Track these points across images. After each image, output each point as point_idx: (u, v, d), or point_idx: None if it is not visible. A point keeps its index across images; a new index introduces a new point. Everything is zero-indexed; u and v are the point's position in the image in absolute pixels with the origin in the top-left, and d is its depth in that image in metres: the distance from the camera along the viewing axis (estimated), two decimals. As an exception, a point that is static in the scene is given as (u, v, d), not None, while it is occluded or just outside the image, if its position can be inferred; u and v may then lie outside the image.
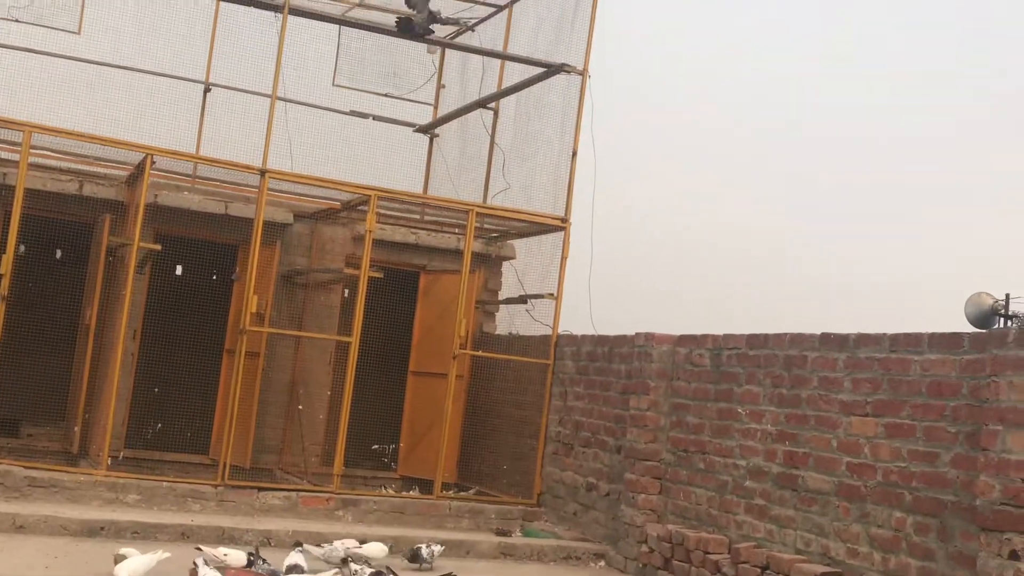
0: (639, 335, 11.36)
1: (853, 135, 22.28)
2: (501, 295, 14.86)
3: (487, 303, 14.83)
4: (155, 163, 11.90)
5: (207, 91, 14.61)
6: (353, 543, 9.76)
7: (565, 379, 12.75)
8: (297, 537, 10.37)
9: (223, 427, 12.19)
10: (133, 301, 11.99)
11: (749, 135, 21.65)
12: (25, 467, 10.94)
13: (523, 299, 13.87)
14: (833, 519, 8.73)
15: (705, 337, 10.63)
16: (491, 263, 14.88)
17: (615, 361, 11.85)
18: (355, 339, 12.19)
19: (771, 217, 21.14)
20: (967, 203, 21.01)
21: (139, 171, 11.98)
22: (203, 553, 8.56)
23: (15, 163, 11.64)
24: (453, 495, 12.80)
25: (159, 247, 12.37)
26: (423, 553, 9.96)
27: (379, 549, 9.82)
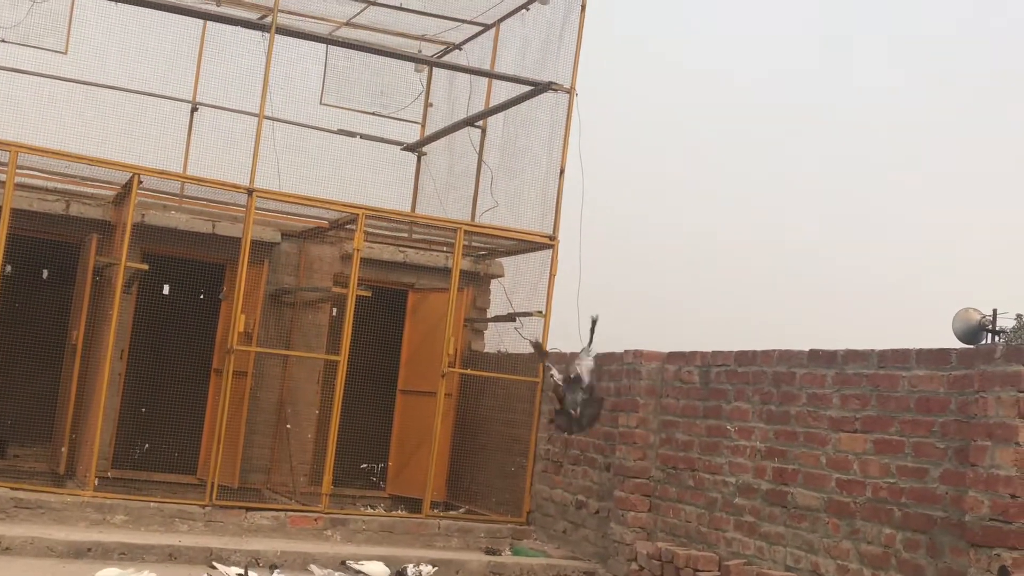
0: (628, 352, 11.36)
1: (842, 148, 22.38)
2: (489, 313, 14.85)
3: (475, 321, 14.82)
4: (142, 183, 11.90)
5: (194, 110, 14.62)
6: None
7: (554, 397, 12.70)
8: (285, 558, 10.34)
9: (211, 447, 12.14)
10: (120, 321, 11.94)
11: (737, 149, 21.73)
12: (11, 488, 10.86)
13: (511, 317, 13.86)
14: (823, 536, 8.72)
15: (694, 354, 10.63)
16: (479, 281, 14.88)
17: (604, 379, 11.82)
18: (343, 358, 12.16)
19: (760, 232, 21.20)
20: (956, 217, 21.10)
21: (126, 191, 11.96)
22: (218, 572, 8.51)
23: (1, 183, 11.60)
24: (442, 514, 12.76)
25: (146, 267, 12.33)
26: (410, 573, 9.92)
27: (380, 569, 9.78)
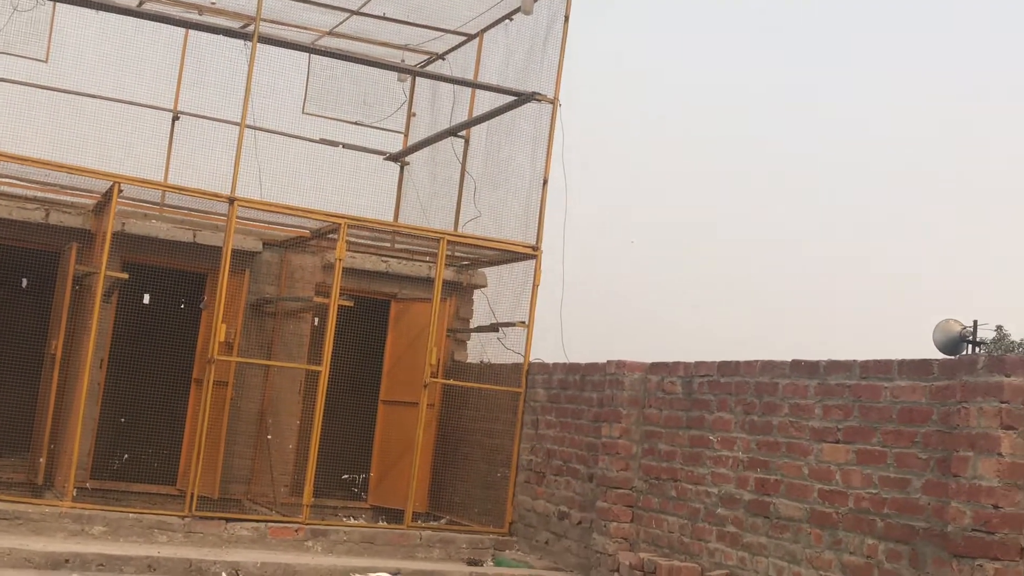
0: (610, 363, 11.34)
1: (831, 156, 22.46)
2: (472, 323, 14.82)
3: (458, 331, 14.78)
4: (122, 191, 11.82)
5: (175, 119, 14.56)
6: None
7: (537, 407, 12.70)
8: (266, 570, 10.26)
9: (191, 457, 12.05)
10: (100, 330, 11.86)
11: (722, 155, 21.79)
12: (-12, 499, 10.78)
13: (494, 327, 13.84)
14: (805, 546, 8.71)
15: (677, 364, 10.62)
16: (462, 291, 14.84)
17: (587, 389, 11.82)
18: (325, 368, 12.10)
19: (743, 244, 21.26)
20: (935, 231, 21.20)
21: (106, 199, 11.89)
22: None
23: (-20, 192, 11.53)
24: (424, 524, 12.69)
25: (126, 276, 12.25)
26: None
27: None
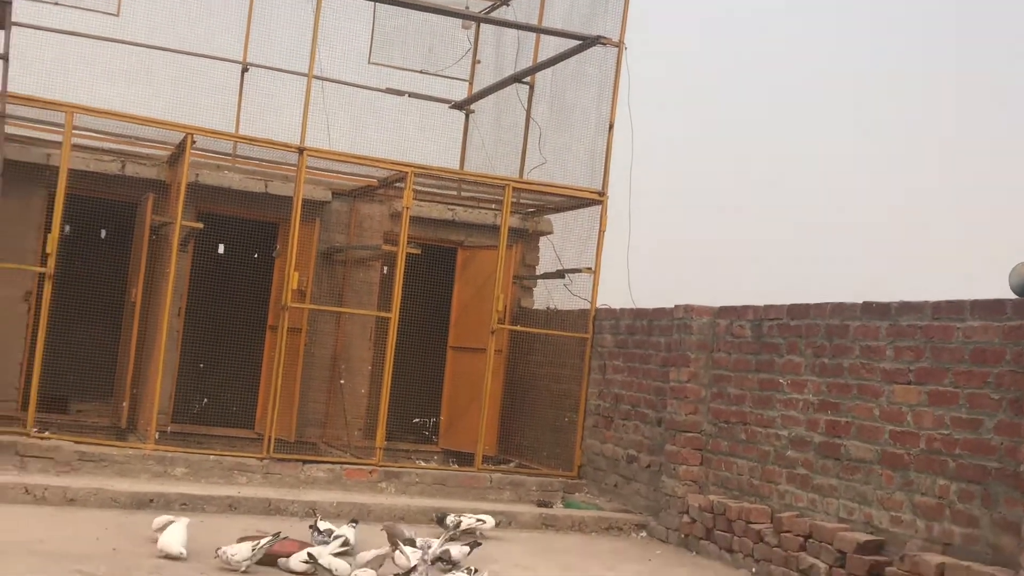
0: (678, 307, 11.40)
1: (902, 93, 22.00)
2: (538, 270, 14.91)
3: (524, 278, 14.90)
4: (195, 143, 12.05)
5: (245, 71, 14.72)
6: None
7: (604, 353, 12.81)
8: (341, 509, 10.52)
9: (267, 402, 12.35)
10: (177, 278, 12.15)
11: (793, 101, 21.46)
12: (75, 442, 11.14)
13: (560, 274, 13.92)
14: (876, 488, 8.76)
15: (746, 308, 10.66)
16: (528, 238, 14.93)
17: (654, 334, 11.89)
18: (394, 315, 12.30)
19: (814, 184, 21.01)
20: (1013, 169, 20.75)
21: (180, 151, 12.12)
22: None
23: (58, 144, 11.80)
24: (494, 467, 12.91)
25: (201, 225, 12.52)
26: (448, 521, 10.22)
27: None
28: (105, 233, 15.16)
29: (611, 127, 13.03)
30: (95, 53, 14.05)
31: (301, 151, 12.09)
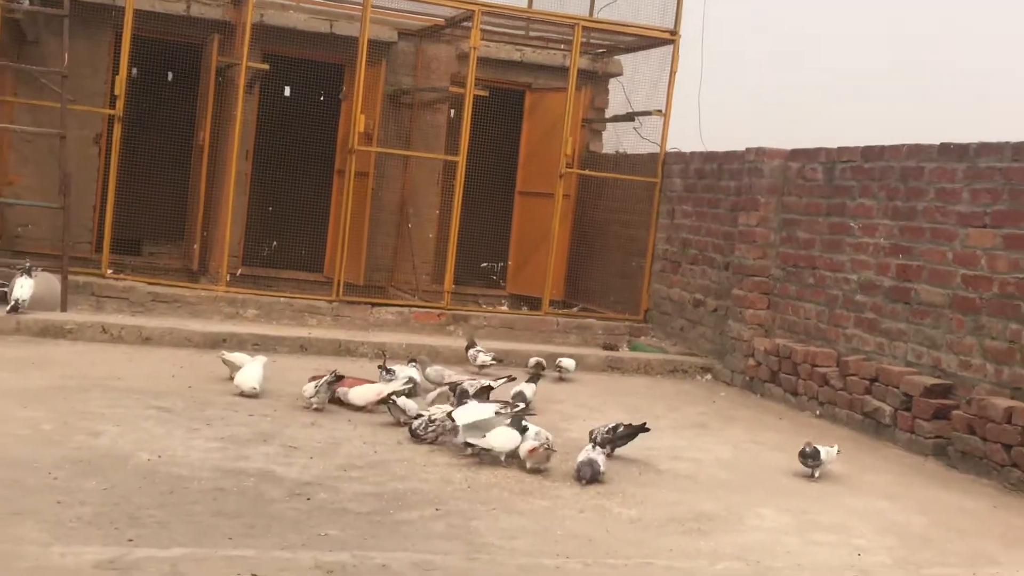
0: (749, 150, 11.16)
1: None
2: (608, 113, 14.65)
3: (593, 121, 14.67)
4: (260, -19, 11.87)
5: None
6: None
7: (673, 197, 12.65)
8: (410, 351, 10.66)
9: (336, 245, 12.45)
10: (244, 121, 12.14)
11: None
12: (148, 283, 11.38)
13: (630, 116, 13.68)
14: (946, 332, 8.63)
15: (818, 151, 10.40)
16: (598, 80, 14.63)
17: (724, 178, 11.69)
18: (462, 158, 12.22)
19: (890, 25, 20.21)
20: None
21: (245, -10, 11.96)
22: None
23: (122, -18, 11.71)
24: (561, 311, 12.97)
25: (267, 67, 12.43)
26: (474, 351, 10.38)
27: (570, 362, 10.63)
28: (172, 76, 15.16)
29: (685, -39, 12.59)
30: None
31: (366, -10, 11.86)
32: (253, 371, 8.55)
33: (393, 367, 9.02)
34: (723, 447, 8.32)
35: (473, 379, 8.84)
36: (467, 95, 12.24)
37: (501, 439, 7.00)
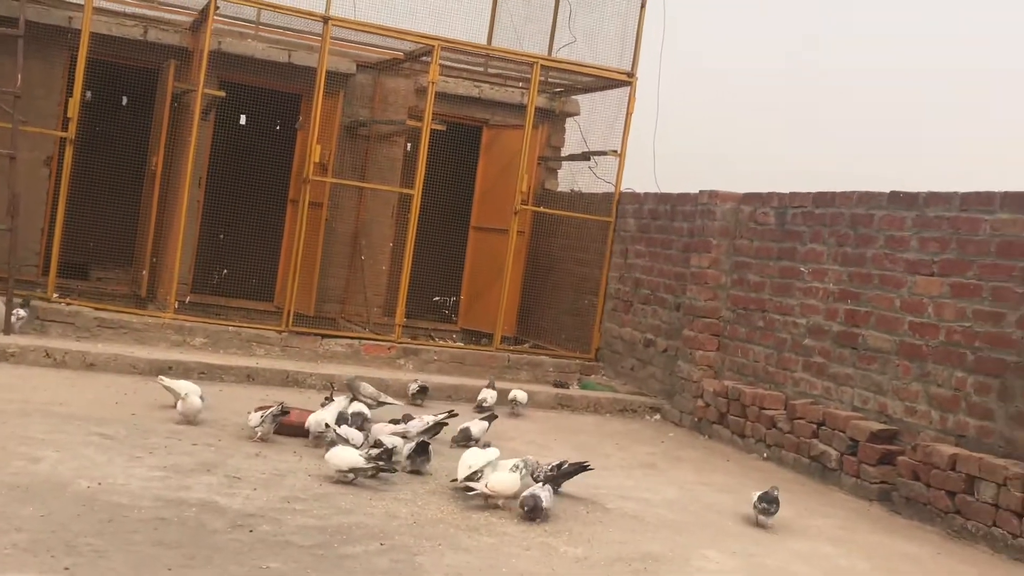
0: (703, 193, 11.25)
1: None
2: (564, 151, 14.73)
3: (549, 159, 14.73)
4: (219, 8, 11.82)
5: (270, -63, 14.35)
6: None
7: (626, 237, 12.71)
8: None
9: (287, 275, 12.36)
10: (198, 148, 12.05)
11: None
12: (95, 308, 11.21)
13: (586, 156, 13.75)
14: (892, 378, 8.71)
15: (771, 195, 10.50)
16: (555, 118, 14.71)
17: (677, 219, 11.77)
18: (417, 192, 12.20)
19: (842, 75, 20.57)
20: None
21: (203, 16, 11.91)
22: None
23: (80, 7, 11.63)
24: (512, 347, 12.95)
25: (223, 94, 12.37)
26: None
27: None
28: (126, 100, 15.03)
29: (643, 6, 12.73)
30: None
31: (326, 20, 11.86)
32: (192, 403, 8.46)
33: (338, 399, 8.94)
34: (670, 488, 8.32)
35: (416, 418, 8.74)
36: (424, 129, 12.25)
37: (503, 484, 6.96)
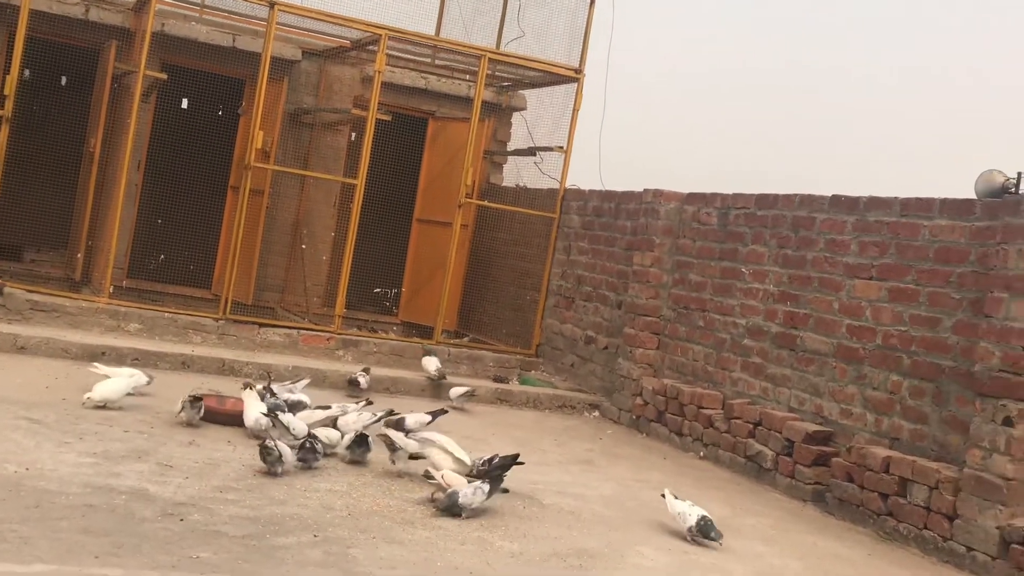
0: (647, 191, 11.27)
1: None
2: (510, 146, 14.69)
3: (495, 153, 14.68)
4: (163, -11, 11.63)
5: (218, -82, 14.15)
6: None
7: (570, 233, 12.71)
8: (296, 373, 10.45)
9: (226, 262, 12.19)
10: (138, 131, 11.84)
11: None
12: (27, 291, 10.96)
13: (532, 151, 13.72)
14: (829, 380, 8.79)
15: (714, 196, 10.55)
16: (501, 113, 14.67)
17: (621, 217, 11.79)
18: (360, 182, 12.09)
19: (791, 76, 20.77)
20: (983, 80, 20.62)
21: (146, -3, 11.70)
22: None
23: (20, -18, 11.36)
24: (453, 341, 12.89)
25: (165, 76, 12.15)
26: (360, 380, 10.36)
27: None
28: (65, 80, 14.74)
29: (592, 2, 12.73)
30: None
31: (272, 5, 11.71)
32: (112, 384, 8.29)
33: (277, 389, 8.84)
34: (607, 484, 8.32)
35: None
36: (369, 118, 12.14)
37: (458, 479, 6.94)
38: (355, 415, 8.40)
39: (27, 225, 13.22)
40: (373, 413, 8.47)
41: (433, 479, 7.02)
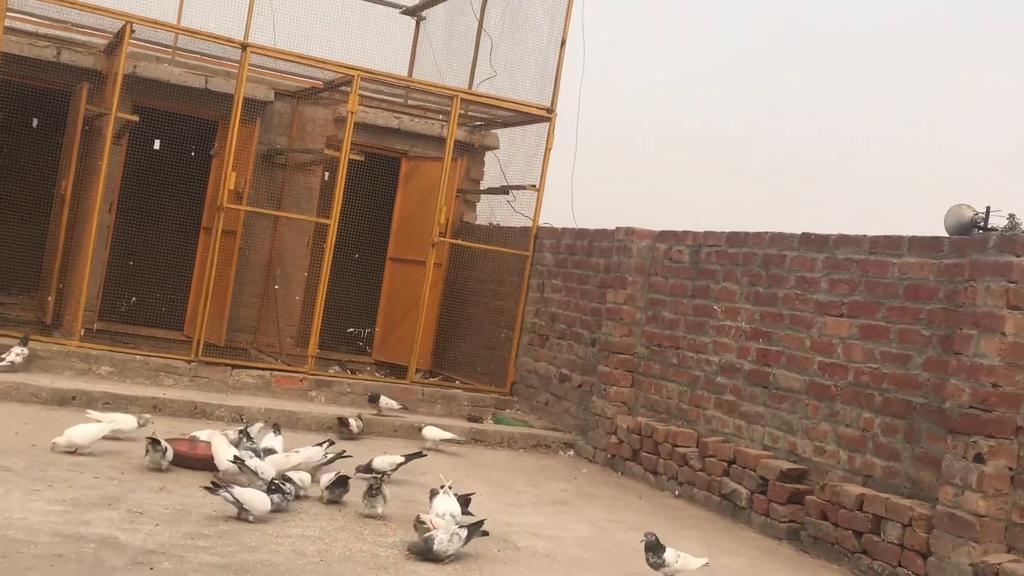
0: (619, 229, 11.32)
1: (842, 36, 22.01)
2: (483, 185, 14.74)
3: (468, 192, 14.72)
4: (135, 32, 11.63)
5: (190, -39, 14.19)
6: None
7: (543, 271, 12.73)
8: (269, 415, 10.41)
9: (198, 304, 12.14)
10: (110, 173, 11.81)
11: (741, 31, 21.33)
12: (-3, 335, 10.88)
13: (504, 190, 13.77)
14: (802, 417, 8.81)
15: (685, 234, 10.60)
16: (474, 152, 14.73)
17: (594, 255, 11.83)
18: (333, 222, 12.09)
19: (759, 115, 20.97)
20: (955, 112, 20.87)
21: (118, 40, 11.70)
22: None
23: (-10, 25, 11.34)
24: (427, 380, 12.86)
25: (136, 118, 12.13)
26: (351, 423, 10.42)
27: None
28: (37, 122, 14.68)
29: (563, 43, 12.81)
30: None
31: (244, 47, 11.74)
32: (81, 429, 8.22)
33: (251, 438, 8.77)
34: (582, 525, 8.29)
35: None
36: (342, 159, 12.15)
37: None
38: (308, 450, 8.38)
39: (-3, 268, 13.13)
40: (325, 454, 8.44)
41: (425, 523, 6.95)
